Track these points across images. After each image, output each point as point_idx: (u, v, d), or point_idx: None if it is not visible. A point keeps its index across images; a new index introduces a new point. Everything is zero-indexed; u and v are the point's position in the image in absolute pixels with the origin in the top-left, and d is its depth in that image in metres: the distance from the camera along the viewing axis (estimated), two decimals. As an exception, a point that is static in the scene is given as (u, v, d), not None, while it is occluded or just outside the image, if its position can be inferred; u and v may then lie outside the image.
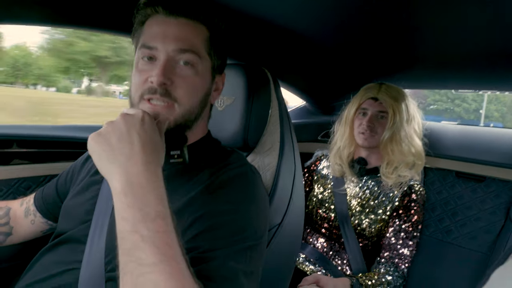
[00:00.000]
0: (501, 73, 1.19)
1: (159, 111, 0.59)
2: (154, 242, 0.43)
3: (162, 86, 0.58)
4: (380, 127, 1.20)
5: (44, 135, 1.03)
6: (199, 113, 0.65)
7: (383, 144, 1.19)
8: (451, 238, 1.30)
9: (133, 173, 0.47)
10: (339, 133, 1.31)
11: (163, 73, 0.58)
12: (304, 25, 0.88)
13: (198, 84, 0.63)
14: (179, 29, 0.61)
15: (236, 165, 0.64)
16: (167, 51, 0.60)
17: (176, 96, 0.60)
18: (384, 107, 1.19)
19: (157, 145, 0.52)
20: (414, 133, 1.22)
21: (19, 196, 0.89)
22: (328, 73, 1.41)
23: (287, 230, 0.77)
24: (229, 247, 0.52)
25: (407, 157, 1.18)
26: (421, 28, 0.83)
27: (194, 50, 0.61)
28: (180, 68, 0.61)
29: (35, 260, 0.68)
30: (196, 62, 0.61)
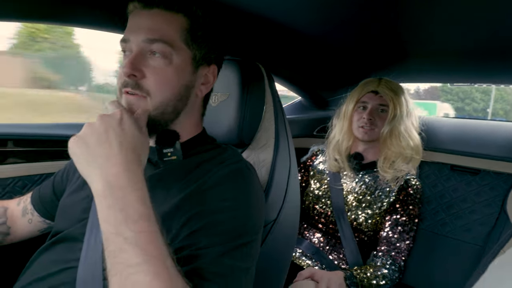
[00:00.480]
0: (497, 67, 1.20)
1: (133, 103, 0.59)
2: (138, 243, 0.43)
3: (131, 77, 0.58)
4: (380, 120, 1.21)
5: (39, 134, 1.02)
6: (177, 108, 0.63)
7: (382, 138, 1.20)
8: (446, 231, 1.31)
9: (112, 174, 0.47)
10: (337, 127, 1.32)
11: (131, 64, 0.58)
12: (299, 20, 0.87)
13: (172, 76, 0.60)
14: (151, 20, 0.60)
15: (232, 162, 0.64)
16: (138, 42, 0.59)
17: (147, 88, 0.59)
18: (384, 100, 1.20)
19: (137, 143, 0.51)
20: (412, 126, 1.23)
21: (15, 196, 0.89)
22: (323, 68, 1.41)
23: (282, 226, 0.77)
24: (225, 244, 0.53)
25: (406, 150, 1.19)
26: (417, 22, 0.83)
27: (165, 40, 0.59)
28: (153, 59, 0.60)
29: (33, 259, 0.68)
30: (168, 52, 0.59)
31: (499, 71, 1.27)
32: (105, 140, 0.49)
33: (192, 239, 0.53)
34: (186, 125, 0.68)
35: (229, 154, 0.67)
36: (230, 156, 0.67)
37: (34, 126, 1.07)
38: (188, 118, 0.68)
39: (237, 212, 0.56)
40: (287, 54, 1.21)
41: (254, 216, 0.60)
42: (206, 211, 0.55)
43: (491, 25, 0.77)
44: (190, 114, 0.68)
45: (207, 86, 0.68)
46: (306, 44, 1.07)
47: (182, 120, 0.66)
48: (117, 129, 0.50)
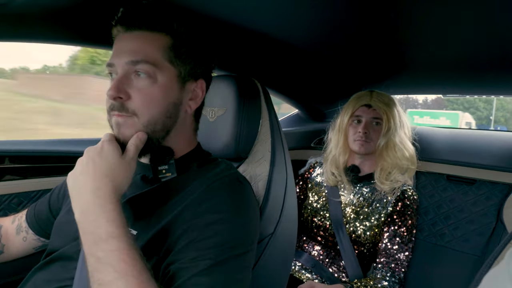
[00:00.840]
0: (490, 79, 1.22)
1: (121, 123, 0.60)
2: (109, 261, 0.47)
3: (117, 100, 0.59)
4: (375, 133, 1.22)
5: (36, 150, 1.02)
6: (166, 125, 0.64)
7: (378, 151, 1.21)
8: (445, 242, 1.30)
9: (84, 202, 0.52)
10: (333, 141, 1.33)
11: (116, 87, 0.59)
12: (293, 35, 0.89)
13: (157, 94, 0.61)
14: (133, 42, 0.61)
15: (225, 175, 0.65)
16: (122, 65, 0.60)
17: (133, 109, 0.60)
18: (378, 113, 1.21)
19: (115, 170, 0.55)
20: (405, 137, 1.24)
21: (10, 213, 0.88)
22: (319, 81, 1.43)
23: (280, 239, 0.77)
24: (217, 256, 0.53)
25: (401, 161, 1.20)
26: (410, 35, 0.85)
27: (148, 60, 0.60)
28: (137, 80, 0.60)
29: (27, 279, 0.67)
30: (152, 72, 0.60)
31: (492, 83, 1.29)
32: (85, 171, 0.55)
33: (184, 252, 0.53)
34: (179, 141, 0.68)
35: (222, 169, 0.68)
36: (224, 170, 0.67)
37: (30, 142, 1.07)
38: (180, 134, 0.68)
39: (230, 225, 0.57)
40: (282, 68, 1.23)
41: (247, 228, 0.60)
42: (199, 225, 0.56)
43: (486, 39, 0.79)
44: (181, 130, 0.68)
45: (196, 101, 0.68)
46: (301, 58, 1.09)
47: (174, 136, 0.67)
48: (96, 158, 0.55)
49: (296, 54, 1.04)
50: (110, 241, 0.48)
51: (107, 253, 0.47)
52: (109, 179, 0.54)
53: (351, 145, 1.26)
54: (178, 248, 0.54)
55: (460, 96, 1.55)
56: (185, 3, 0.70)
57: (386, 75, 1.33)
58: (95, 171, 0.54)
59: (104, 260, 0.47)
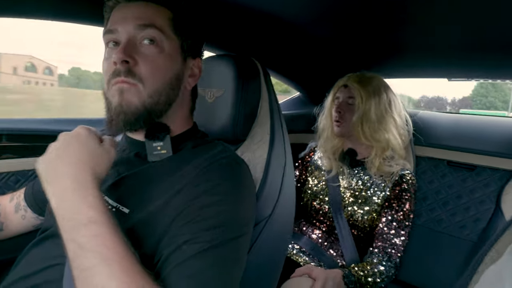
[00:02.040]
0: (490, 62, 1.19)
1: (125, 90, 0.58)
2: (90, 247, 0.46)
3: (124, 64, 0.57)
4: (349, 113, 1.21)
5: (33, 129, 1.02)
6: (170, 97, 0.63)
7: (354, 128, 1.20)
8: (442, 227, 1.31)
9: (62, 188, 0.50)
10: (322, 125, 1.33)
11: (124, 50, 0.57)
12: (293, 15, 0.87)
13: (164, 63, 0.60)
14: (139, 9, 0.60)
15: (222, 157, 0.64)
16: (128, 30, 0.59)
17: (140, 75, 0.59)
18: (351, 92, 1.21)
19: (93, 155, 0.54)
20: (390, 122, 1.21)
21: (7, 191, 0.88)
22: (320, 64, 1.40)
23: (277, 222, 0.77)
24: (212, 238, 0.52)
25: (381, 141, 1.18)
26: (413, 15, 0.82)
27: (157, 25, 0.59)
28: (144, 47, 0.59)
29: (22, 255, 0.67)
30: (160, 39, 0.59)
31: (498, 66, 1.26)
32: (61, 156, 0.53)
33: (178, 235, 0.53)
34: (176, 119, 0.67)
35: (219, 150, 0.66)
36: (220, 151, 0.66)
37: (28, 121, 1.06)
38: (178, 111, 0.67)
39: (226, 207, 0.56)
40: (282, 49, 1.20)
41: (243, 210, 0.59)
42: (194, 206, 0.55)
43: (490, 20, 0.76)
44: (181, 107, 0.68)
45: (194, 79, 0.68)
46: (302, 39, 1.07)
47: (173, 113, 0.66)
48: (73, 143, 0.54)
49: (296, 34, 1.01)
50: (91, 226, 0.47)
51: (89, 239, 0.46)
52: (88, 165, 0.52)
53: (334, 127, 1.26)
54: (173, 231, 0.54)
55: (466, 80, 1.52)
56: None
57: (387, 56, 1.31)
58: (71, 157, 0.52)
59: (85, 246, 0.46)
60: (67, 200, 0.49)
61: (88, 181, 0.51)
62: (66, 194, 0.50)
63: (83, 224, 0.47)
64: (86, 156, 0.53)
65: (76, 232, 0.47)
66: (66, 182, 0.50)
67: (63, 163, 0.52)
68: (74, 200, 0.49)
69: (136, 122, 0.60)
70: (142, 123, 0.60)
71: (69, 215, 0.49)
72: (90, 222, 0.47)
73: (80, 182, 0.50)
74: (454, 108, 20.08)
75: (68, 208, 0.49)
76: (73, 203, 0.49)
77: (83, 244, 0.46)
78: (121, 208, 0.60)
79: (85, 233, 0.47)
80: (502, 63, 1.21)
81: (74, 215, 0.48)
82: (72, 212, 0.49)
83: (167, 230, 0.55)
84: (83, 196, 0.49)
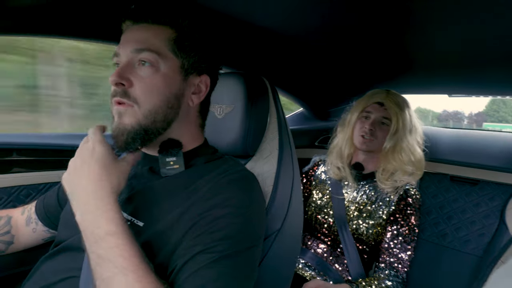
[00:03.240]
0: (496, 78, 1.22)
1: (122, 112, 0.62)
2: (109, 258, 0.49)
3: (119, 86, 0.60)
4: (381, 132, 1.21)
5: (43, 143, 1.04)
6: (168, 116, 0.64)
7: (384, 153, 1.20)
8: (447, 242, 1.31)
9: (83, 204, 0.54)
10: (341, 135, 1.33)
11: (118, 73, 0.60)
12: (301, 33, 0.90)
13: (159, 83, 0.62)
14: (139, 32, 0.63)
15: (233, 171, 0.65)
16: (126, 54, 0.62)
17: (135, 96, 0.61)
18: (388, 113, 1.20)
19: (109, 170, 0.57)
20: (416, 144, 1.22)
21: (19, 204, 0.89)
22: (326, 80, 1.43)
23: (286, 236, 0.78)
24: (224, 250, 0.54)
25: (406, 166, 1.19)
26: (417, 35, 0.85)
27: (152, 49, 0.61)
28: (140, 69, 0.61)
29: (35, 268, 0.68)
30: (155, 60, 0.61)
31: (498, 83, 1.29)
32: (80, 173, 0.56)
33: (191, 246, 0.54)
34: (183, 136, 0.69)
35: (230, 165, 0.68)
36: (231, 166, 0.68)
37: (38, 136, 1.08)
38: (184, 128, 0.69)
39: (237, 219, 0.57)
40: (290, 67, 1.23)
41: (254, 223, 0.61)
42: (206, 219, 0.56)
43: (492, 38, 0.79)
44: (185, 124, 0.68)
45: (199, 95, 0.69)
46: (309, 56, 1.10)
47: (177, 129, 0.67)
48: (89, 161, 0.57)
49: (303, 53, 1.04)
50: (109, 238, 0.50)
51: (107, 250, 0.50)
52: (106, 181, 0.55)
53: (355, 140, 1.25)
54: (186, 242, 0.55)
55: (467, 96, 1.55)
56: None
57: (392, 75, 1.33)
58: (89, 174, 0.55)
59: (104, 257, 0.50)
60: (88, 215, 0.53)
61: (107, 196, 0.54)
62: (87, 210, 0.54)
63: (102, 237, 0.51)
64: (104, 172, 0.56)
65: (96, 245, 0.51)
66: (86, 199, 0.54)
67: (82, 181, 0.56)
68: (94, 215, 0.53)
69: (133, 141, 0.62)
70: (140, 142, 0.62)
71: (91, 229, 0.52)
72: (108, 235, 0.51)
73: (98, 198, 0.54)
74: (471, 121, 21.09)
75: (89, 223, 0.53)
76: (93, 218, 0.53)
77: (102, 255, 0.50)
78: (135, 221, 0.61)
79: (104, 245, 0.50)
80: (502, 80, 1.24)
81: (94, 229, 0.52)
82: (93, 226, 0.52)
83: (180, 242, 0.56)
84: (102, 211, 0.53)
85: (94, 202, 0.53)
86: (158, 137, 0.65)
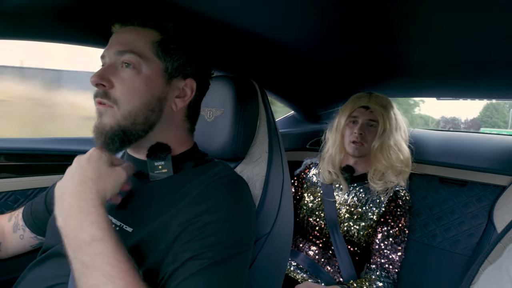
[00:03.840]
0: (485, 82, 1.24)
1: (102, 112, 0.62)
2: (94, 265, 0.47)
3: (100, 87, 0.61)
4: (370, 135, 1.23)
5: (31, 148, 1.02)
6: (149, 118, 0.64)
7: (373, 153, 1.22)
8: (437, 242, 1.33)
9: (66, 206, 0.52)
10: (330, 141, 1.34)
11: (99, 74, 0.60)
12: (290, 37, 0.90)
13: (140, 85, 0.62)
14: (123, 35, 0.64)
15: (223, 175, 0.65)
16: (110, 55, 0.63)
17: (115, 97, 0.61)
18: (374, 115, 1.23)
19: (102, 175, 0.55)
20: (401, 140, 1.26)
21: (6, 210, 0.88)
22: (315, 83, 1.44)
23: (276, 239, 0.78)
24: (214, 255, 0.54)
25: (396, 164, 1.21)
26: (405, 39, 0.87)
27: (135, 51, 0.61)
28: (123, 71, 0.62)
29: (23, 276, 0.67)
30: (137, 63, 0.61)
31: (485, 86, 1.32)
32: (72, 177, 0.55)
33: (181, 252, 0.54)
34: (169, 140, 0.68)
35: (220, 169, 0.68)
36: (221, 170, 0.68)
37: (27, 140, 1.07)
38: (169, 132, 0.68)
39: (227, 224, 0.57)
40: (279, 70, 1.24)
41: (244, 228, 0.61)
42: (196, 225, 0.56)
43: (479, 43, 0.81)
44: (170, 127, 0.68)
45: (183, 99, 0.68)
46: (297, 60, 1.10)
47: (160, 133, 0.67)
48: (84, 164, 0.56)
49: (292, 56, 1.05)
50: (94, 244, 0.48)
51: (92, 257, 0.47)
52: (93, 182, 0.54)
53: (347, 146, 1.28)
54: (176, 249, 0.55)
55: (454, 99, 1.58)
56: (180, 3, 0.71)
57: (382, 78, 1.35)
58: (80, 176, 0.54)
59: (89, 264, 0.47)
60: (72, 218, 0.51)
61: (91, 198, 0.52)
62: (71, 212, 0.51)
63: (87, 243, 0.48)
64: (94, 175, 0.54)
65: (80, 251, 0.48)
66: (72, 200, 0.52)
67: (72, 182, 0.54)
68: (78, 218, 0.50)
69: (111, 142, 0.62)
70: (118, 143, 0.62)
71: (74, 233, 0.50)
72: (94, 240, 0.48)
73: (85, 200, 0.52)
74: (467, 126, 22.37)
75: (72, 226, 0.50)
76: (76, 221, 0.50)
77: (87, 262, 0.47)
78: (124, 227, 0.61)
79: (89, 251, 0.48)
80: (489, 84, 1.26)
81: (78, 233, 0.49)
82: (76, 230, 0.50)
83: (170, 248, 0.55)
84: (86, 214, 0.51)
85: (78, 205, 0.51)
86: (139, 140, 0.65)
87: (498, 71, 1.05)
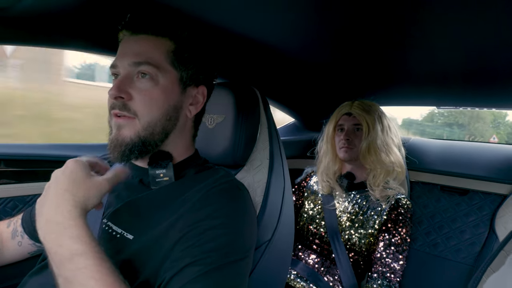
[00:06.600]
0: (486, 91, 1.25)
1: (123, 125, 0.61)
2: (77, 280, 0.46)
3: (118, 99, 0.60)
4: (357, 139, 1.26)
5: (31, 154, 1.02)
6: (166, 127, 0.64)
7: (362, 155, 1.24)
8: (438, 251, 1.32)
9: (45, 221, 0.50)
10: (322, 150, 1.37)
11: (118, 87, 0.60)
12: (292, 45, 0.91)
13: (158, 96, 0.62)
14: (137, 44, 0.63)
15: (223, 181, 0.65)
16: (124, 66, 0.62)
17: (135, 109, 0.61)
18: (358, 120, 1.26)
19: (80, 186, 0.52)
20: (391, 143, 1.27)
21: (5, 217, 0.87)
22: (316, 91, 1.45)
23: (277, 246, 0.77)
24: (213, 261, 0.53)
25: (385, 162, 1.22)
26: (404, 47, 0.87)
27: (151, 62, 0.61)
28: (139, 81, 0.61)
29: (22, 284, 0.66)
30: (154, 73, 0.61)
31: (484, 96, 1.33)
32: (48, 191, 0.52)
33: (180, 258, 0.53)
34: (177, 147, 0.69)
35: (221, 175, 0.68)
36: (222, 176, 0.67)
37: (26, 146, 1.06)
38: (179, 139, 0.68)
39: (227, 230, 0.57)
40: (280, 78, 1.25)
41: (245, 234, 0.60)
42: (196, 231, 0.56)
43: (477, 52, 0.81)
44: (180, 135, 0.69)
45: (196, 106, 0.69)
46: (299, 68, 1.11)
47: (172, 141, 0.67)
48: (59, 176, 0.53)
49: (294, 65, 1.06)
50: (76, 259, 0.46)
51: (74, 272, 0.46)
52: (70, 193, 0.51)
53: (338, 153, 1.30)
54: (175, 254, 0.54)
55: (454, 108, 1.58)
56: (187, 11, 0.72)
57: (381, 86, 1.36)
58: (55, 189, 0.52)
59: (72, 279, 0.46)
60: (51, 232, 0.49)
61: (68, 211, 0.50)
62: (50, 227, 0.49)
63: (67, 258, 0.47)
64: (70, 187, 0.52)
65: (62, 266, 0.47)
66: (50, 214, 0.50)
67: (48, 196, 0.52)
68: (56, 233, 0.48)
69: (130, 153, 0.61)
70: (137, 153, 0.62)
71: (54, 248, 0.48)
72: (74, 255, 0.47)
73: (62, 213, 0.49)
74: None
75: (52, 242, 0.48)
76: (55, 236, 0.48)
77: (70, 277, 0.46)
78: (125, 234, 0.60)
79: (70, 267, 0.46)
80: (488, 94, 1.27)
81: (58, 249, 0.47)
82: (55, 245, 0.48)
83: (169, 254, 0.55)
84: (64, 228, 0.48)
85: (55, 219, 0.49)
86: (155, 149, 0.65)
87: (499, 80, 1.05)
